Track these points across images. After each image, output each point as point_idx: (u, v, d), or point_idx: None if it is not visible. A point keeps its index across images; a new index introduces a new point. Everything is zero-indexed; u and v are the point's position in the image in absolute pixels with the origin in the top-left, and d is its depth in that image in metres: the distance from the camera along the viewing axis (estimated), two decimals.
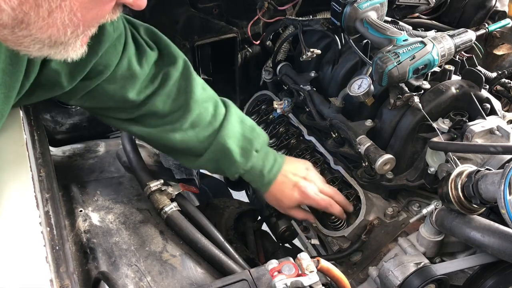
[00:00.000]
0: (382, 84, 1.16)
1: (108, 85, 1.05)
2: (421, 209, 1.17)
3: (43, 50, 0.68)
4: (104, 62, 1.00)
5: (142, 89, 1.10)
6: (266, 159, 1.25)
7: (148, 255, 1.04)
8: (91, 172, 1.30)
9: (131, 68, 1.06)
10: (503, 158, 1.08)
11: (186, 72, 1.14)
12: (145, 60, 1.09)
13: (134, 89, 1.08)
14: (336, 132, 1.34)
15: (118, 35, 1.02)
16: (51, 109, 1.61)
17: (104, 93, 1.06)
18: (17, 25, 0.62)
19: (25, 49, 0.67)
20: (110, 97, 1.08)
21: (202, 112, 1.15)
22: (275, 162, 1.26)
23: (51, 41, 0.66)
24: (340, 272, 0.94)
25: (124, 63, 1.05)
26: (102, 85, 1.04)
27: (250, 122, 1.25)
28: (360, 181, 1.31)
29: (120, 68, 1.05)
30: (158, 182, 1.15)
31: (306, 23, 1.55)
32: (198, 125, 1.15)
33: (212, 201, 1.45)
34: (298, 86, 1.53)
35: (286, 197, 1.29)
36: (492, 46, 1.67)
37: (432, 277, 1.02)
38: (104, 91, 1.06)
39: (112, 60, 1.02)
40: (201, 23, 1.69)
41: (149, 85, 1.11)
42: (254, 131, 1.23)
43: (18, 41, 0.65)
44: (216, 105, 1.19)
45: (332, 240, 1.33)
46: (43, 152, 1.09)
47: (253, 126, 1.24)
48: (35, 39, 0.65)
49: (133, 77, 1.07)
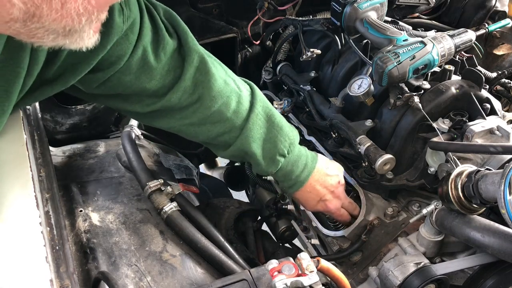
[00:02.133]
0: (382, 84, 1.16)
1: (123, 76, 1.01)
2: (421, 209, 1.18)
3: (58, 40, 0.65)
4: (116, 53, 0.96)
5: (159, 81, 1.05)
6: (295, 164, 1.19)
7: (148, 255, 1.04)
8: (91, 172, 1.30)
9: (146, 58, 1.01)
10: (503, 158, 1.09)
11: (203, 65, 1.08)
12: (162, 49, 1.03)
13: (150, 80, 1.03)
14: (336, 132, 1.34)
15: (130, 24, 0.96)
16: (51, 109, 1.61)
17: (120, 84, 1.02)
18: (29, 18, 0.60)
19: (39, 41, 0.64)
20: (126, 87, 1.03)
21: (221, 108, 1.09)
22: (305, 168, 1.20)
23: (65, 31, 0.64)
24: (340, 272, 0.94)
25: (138, 53, 0.99)
26: (117, 75, 1.00)
27: (278, 119, 1.16)
28: (360, 181, 1.31)
29: (135, 58, 1.00)
30: (158, 182, 1.15)
31: (306, 23, 1.55)
32: (218, 121, 1.11)
33: (212, 201, 1.45)
34: (298, 86, 1.53)
35: (308, 205, 1.28)
36: (492, 46, 1.67)
37: (432, 277, 1.03)
38: (120, 82, 1.01)
39: (124, 50, 0.97)
40: (201, 23, 1.69)
41: (166, 78, 1.05)
42: (282, 131, 1.15)
43: (31, 33, 0.63)
44: (239, 100, 1.12)
45: (332, 240, 1.33)
46: (43, 152, 1.09)
47: (281, 124, 1.16)
48: (49, 29, 0.62)
49: (149, 68, 1.02)
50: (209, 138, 1.14)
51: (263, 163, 1.16)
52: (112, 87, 1.03)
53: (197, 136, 1.15)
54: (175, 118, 1.12)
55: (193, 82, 1.07)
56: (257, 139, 1.13)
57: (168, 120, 1.12)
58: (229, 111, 1.10)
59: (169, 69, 1.05)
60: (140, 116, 1.14)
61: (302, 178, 1.21)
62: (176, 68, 1.06)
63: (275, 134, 1.14)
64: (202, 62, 1.07)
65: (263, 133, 1.14)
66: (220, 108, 1.10)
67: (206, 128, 1.12)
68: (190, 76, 1.06)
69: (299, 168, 1.20)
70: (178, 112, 1.11)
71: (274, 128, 1.15)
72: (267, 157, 1.15)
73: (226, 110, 1.10)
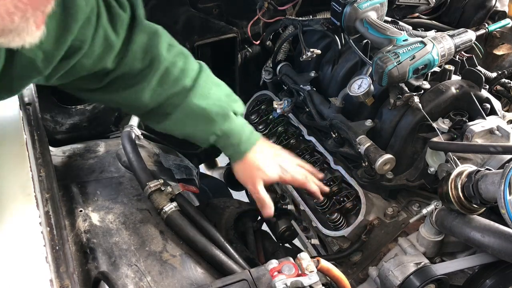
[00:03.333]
0: (382, 84, 1.16)
1: (86, 59, 0.99)
2: (421, 209, 1.18)
3: None
4: (80, 38, 0.94)
5: (117, 56, 1.04)
6: (245, 125, 1.21)
7: (148, 255, 1.04)
8: (91, 172, 1.30)
9: (108, 38, 1.00)
10: (503, 158, 1.08)
11: (149, 29, 1.08)
12: (120, 25, 1.02)
13: (111, 58, 1.03)
14: (336, 132, 1.34)
15: (91, 7, 0.95)
16: (51, 109, 1.61)
17: (81, 68, 1.01)
18: None
19: None
20: (87, 71, 1.02)
21: (169, 68, 1.10)
22: (253, 131, 1.22)
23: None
24: (340, 272, 0.94)
25: (100, 34, 0.98)
26: (80, 61, 0.98)
27: (226, 87, 1.20)
28: (360, 181, 1.31)
29: (97, 40, 0.98)
30: (158, 182, 1.15)
31: (306, 23, 1.55)
32: (167, 82, 1.10)
33: (212, 201, 1.45)
34: (298, 86, 1.53)
35: (265, 167, 1.22)
36: (492, 46, 1.67)
37: (432, 277, 1.03)
38: (82, 66, 1.00)
39: (88, 34, 0.96)
40: (201, 23, 1.69)
41: (122, 50, 1.05)
42: (232, 96, 1.19)
43: None
44: (186, 61, 1.13)
45: (332, 240, 1.33)
46: (43, 152, 1.09)
47: (229, 91, 1.20)
48: None
49: (111, 46, 1.02)
50: (158, 101, 1.12)
51: (215, 118, 1.14)
52: (73, 74, 1.01)
53: (147, 104, 1.12)
54: (127, 85, 1.10)
55: (143, 46, 1.07)
56: (208, 97, 1.13)
57: (121, 93, 1.11)
58: (177, 70, 1.11)
59: (125, 42, 1.05)
60: (94, 93, 1.12)
61: (253, 139, 1.21)
62: (129, 38, 1.05)
63: (227, 95, 1.18)
64: (151, 28, 1.09)
65: (213, 93, 1.15)
66: (168, 68, 1.09)
67: (157, 91, 1.11)
68: (140, 41, 1.06)
69: (248, 129, 1.21)
70: (130, 79, 1.09)
71: (223, 90, 1.18)
72: (220, 113, 1.14)
73: (175, 70, 1.10)
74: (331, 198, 1.35)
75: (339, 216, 1.32)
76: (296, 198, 1.43)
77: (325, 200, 1.35)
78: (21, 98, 1.25)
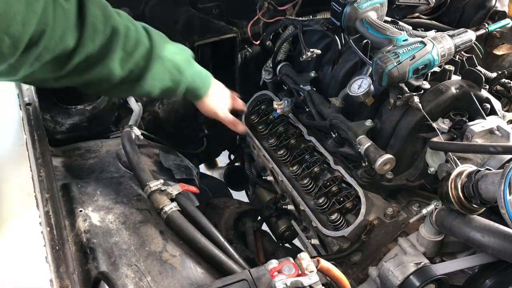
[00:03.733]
0: (382, 84, 1.16)
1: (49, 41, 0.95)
2: (421, 209, 1.18)
3: None
4: (44, 21, 0.91)
5: (73, 31, 1.00)
6: (198, 65, 1.32)
7: (148, 255, 1.04)
8: (91, 172, 1.30)
9: (69, 18, 0.98)
10: (503, 158, 1.09)
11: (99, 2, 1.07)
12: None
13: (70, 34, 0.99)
14: (336, 132, 1.34)
15: None
16: (51, 109, 1.61)
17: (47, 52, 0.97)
18: None
19: None
20: (52, 54, 0.98)
21: (126, 32, 1.10)
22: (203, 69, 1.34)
23: None
24: (340, 272, 0.94)
25: (58, 10, 0.95)
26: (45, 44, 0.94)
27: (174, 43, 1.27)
28: (360, 181, 1.31)
29: (57, 17, 0.95)
30: (158, 182, 1.15)
31: (306, 23, 1.55)
32: (130, 46, 1.11)
33: (212, 201, 1.45)
34: (298, 86, 1.53)
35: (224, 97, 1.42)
36: (492, 46, 1.67)
37: (432, 277, 1.03)
38: (48, 49, 0.96)
39: (49, 16, 0.93)
40: (201, 23, 1.69)
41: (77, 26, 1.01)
42: (181, 45, 1.27)
43: None
44: (133, 22, 1.15)
45: (332, 240, 1.33)
46: (43, 152, 1.09)
47: (178, 44, 1.28)
48: None
49: (66, 17, 0.98)
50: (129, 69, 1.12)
51: (184, 66, 1.23)
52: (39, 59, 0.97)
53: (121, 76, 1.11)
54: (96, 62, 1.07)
55: (102, 19, 1.06)
56: (170, 49, 1.20)
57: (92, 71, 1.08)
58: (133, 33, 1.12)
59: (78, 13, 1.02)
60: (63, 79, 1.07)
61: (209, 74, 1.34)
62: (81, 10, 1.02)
63: (179, 46, 1.26)
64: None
65: (170, 45, 1.22)
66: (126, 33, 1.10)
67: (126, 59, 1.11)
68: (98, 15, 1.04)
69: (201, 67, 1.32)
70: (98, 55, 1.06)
71: (166, 38, 1.23)
72: (186, 61, 1.24)
73: (131, 33, 1.11)
74: (331, 198, 1.35)
75: (339, 216, 1.32)
76: (296, 198, 1.43)
77: (325, 200, 1.35)
78: (21, 98, 1.25)
